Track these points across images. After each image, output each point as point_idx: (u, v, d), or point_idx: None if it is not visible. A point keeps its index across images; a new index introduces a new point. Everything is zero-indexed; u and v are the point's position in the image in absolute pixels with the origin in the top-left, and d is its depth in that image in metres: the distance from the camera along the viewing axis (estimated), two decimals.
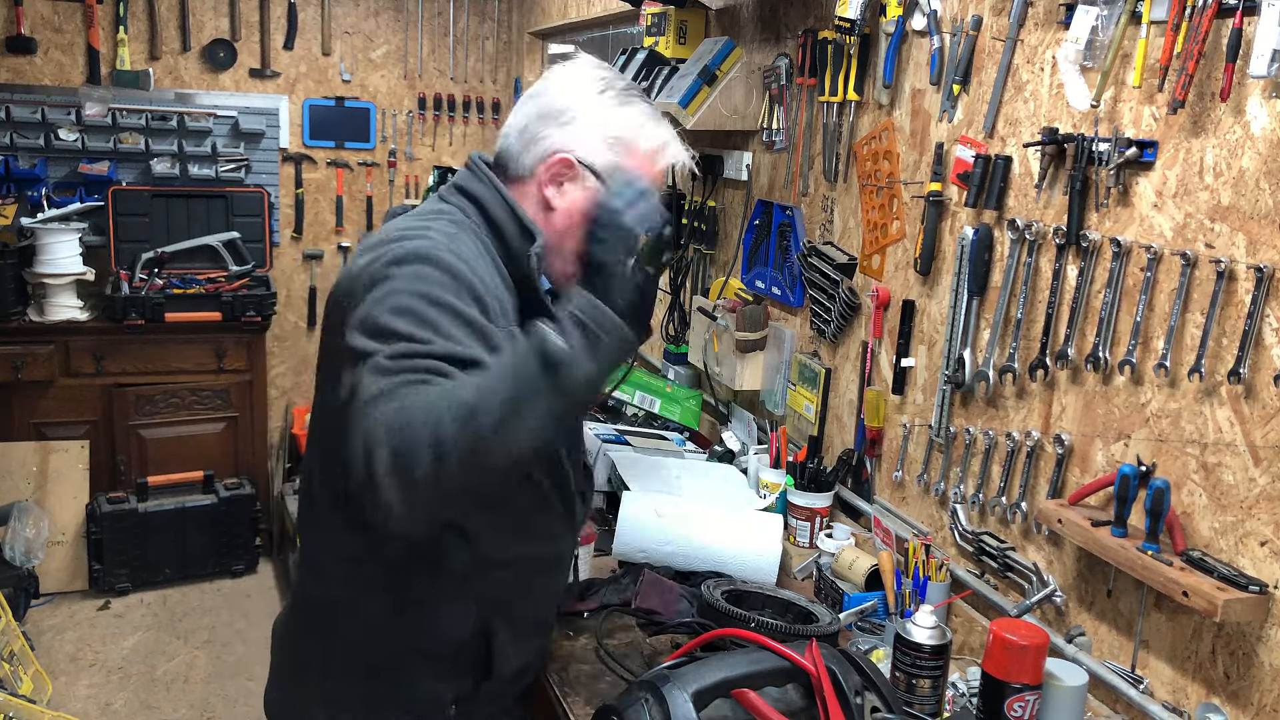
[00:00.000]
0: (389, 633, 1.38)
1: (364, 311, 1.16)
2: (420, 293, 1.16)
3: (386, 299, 1.16)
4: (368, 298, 1.18)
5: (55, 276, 4.09)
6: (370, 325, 1.14)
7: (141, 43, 4.49)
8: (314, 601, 1.46)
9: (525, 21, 4.94)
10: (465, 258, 1.24)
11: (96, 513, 3.98)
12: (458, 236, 1.29)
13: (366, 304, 1.17)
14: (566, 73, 1.43)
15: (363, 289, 1.19)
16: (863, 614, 1.78)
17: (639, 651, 1.71)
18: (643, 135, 1.40)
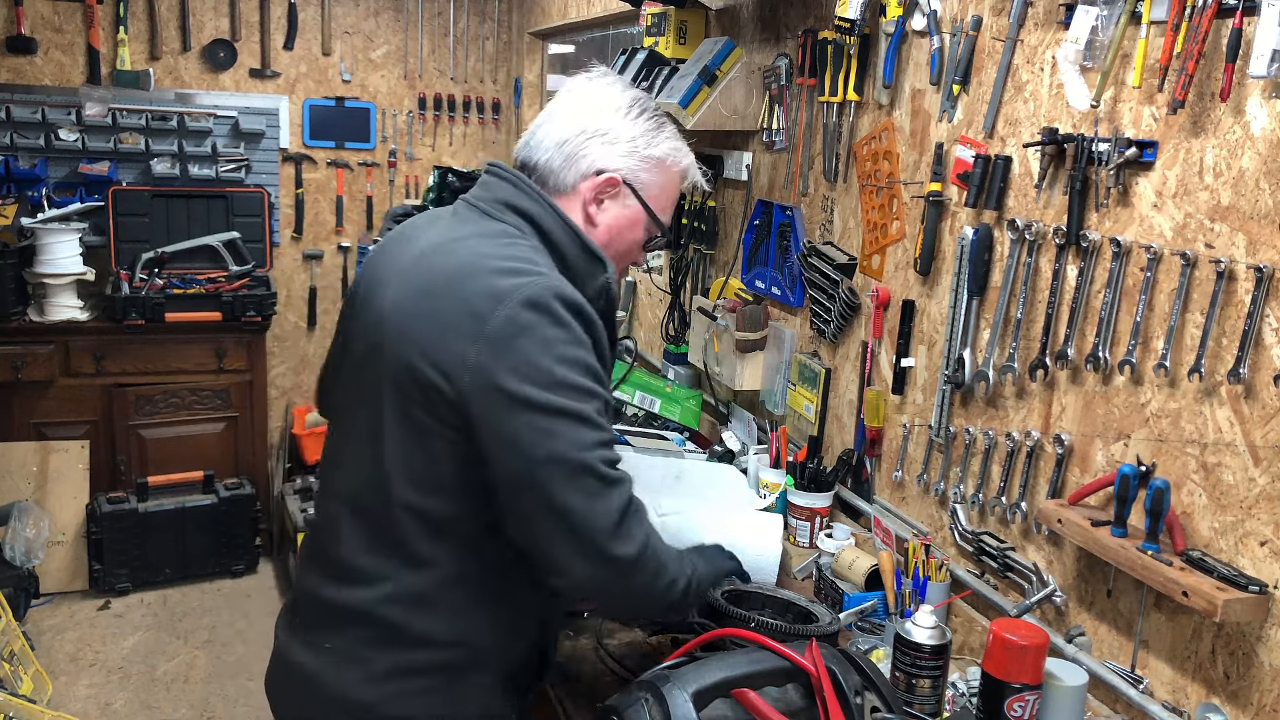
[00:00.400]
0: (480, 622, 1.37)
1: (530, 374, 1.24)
2: (575, 359, 1.28)
3: (551, 364, 1.25)
4: (525, 349, 1.25)
5: (55, 276, 4.09)
6: (550, 403, 1.24)
7: (141, 43, 4.49)
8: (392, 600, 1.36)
9: (525, 21, 4.94)
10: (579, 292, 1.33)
11: (96, 513, 3.98)
12: (554, 269, 1.35)
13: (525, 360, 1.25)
14: (602, 90, 1.47)
15: (511, 332, 1.25)
16: (863, 614, 1.78)
17: (639, 651, 1.71)
18: (674, 158, 1.49)
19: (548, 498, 1.24)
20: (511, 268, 1.31)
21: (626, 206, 1.46)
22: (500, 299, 1.26)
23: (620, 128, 1.44)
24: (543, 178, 1.44)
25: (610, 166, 1.43)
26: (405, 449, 1.32)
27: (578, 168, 1.43)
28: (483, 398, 1.25)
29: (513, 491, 1.27)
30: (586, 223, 1.44)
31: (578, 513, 1.24)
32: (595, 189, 1.43)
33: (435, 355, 1.28)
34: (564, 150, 1.43)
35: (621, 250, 1.49)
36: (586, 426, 1.26)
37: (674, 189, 1.51)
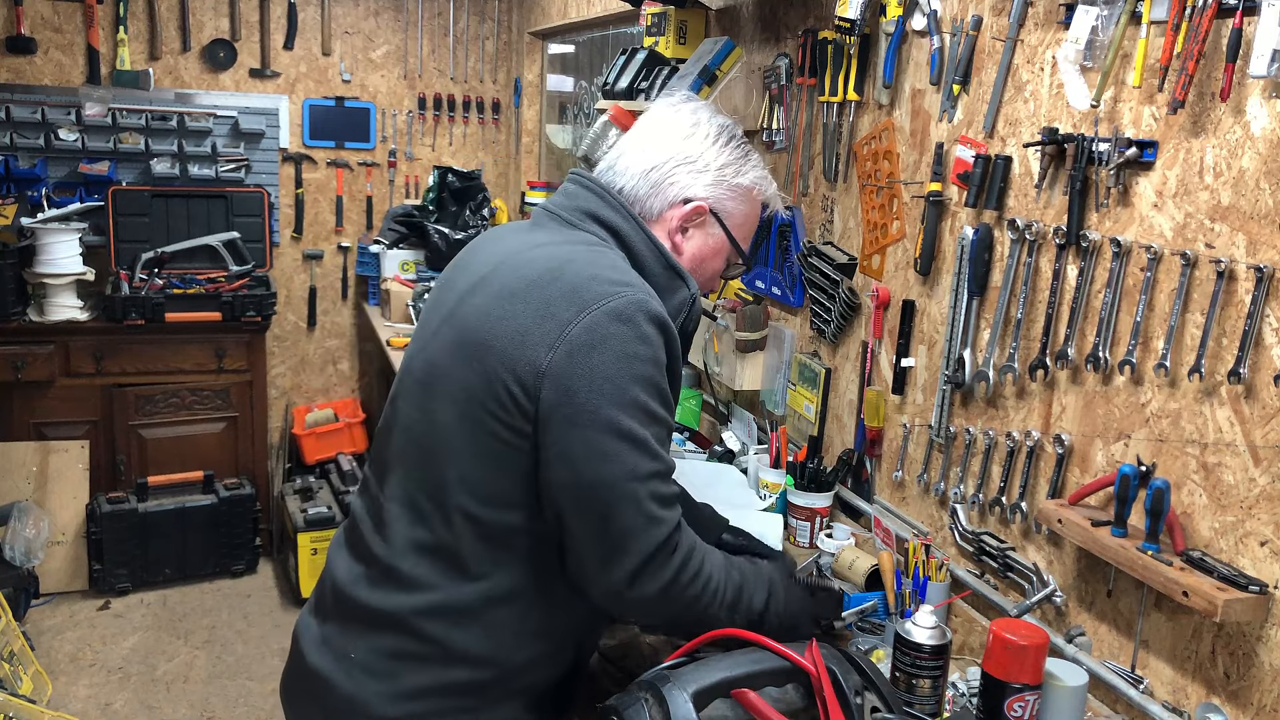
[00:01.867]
0: (521, 640, 1.32)
1: (605, 389, 1.22)
2: (650, 381, 1.25)
3: (628, 383, 1.23)
4: (605, 363, 1.22)
5: (55, 276, 4.09)
6: (618, 425, 1.22)
7: (141, 43, 4.49)
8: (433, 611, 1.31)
9: (525, 21, 4.94)
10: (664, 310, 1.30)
11: (96, 513, 3.98)
12: (643, 281, 1.32)
13: (603, 375, 1.22)
14: (689, 117, 1.45)
15: (593, 343, 1.22)
16: (863, 614, 1.78)
17: (639, 651, 1.71)
18: (760, 186, 1.48)
19: (587, 518, 1.24)
20: (600, 275, 1.28)
21: (711, 235, 1.45)
22: (585, 306, 1.24)
23: (708, 155, 1.43)
24: (629, 203, 1.42)
25: (698, 195, 1.42)
26: (473, 456, 1.27)
27: (664, 195, 1.41)
28: (551, 404, 1.22)
29: (557, 501, 1.25)
30: (673, 249, 1.43)
31: (611, 541, 1.23)
32: (682, 218, 1.42)
33: (513, 361, 1.24)
34: (651, 178, 1.41)
35: (703, 278, 1.48)
36: (644, 455, 1.23)
37: (756, 217, 1.51)
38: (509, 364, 1.24)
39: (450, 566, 1.30)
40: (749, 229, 1.50)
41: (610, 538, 1.23)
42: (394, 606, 1.31)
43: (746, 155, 1.47)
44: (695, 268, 1.45)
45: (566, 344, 1.22)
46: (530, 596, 1.32)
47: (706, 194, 1.43)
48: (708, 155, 1.43)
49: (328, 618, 1.40)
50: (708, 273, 1.48)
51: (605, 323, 1.23)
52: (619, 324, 1.23)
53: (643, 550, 1.23)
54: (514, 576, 1.31)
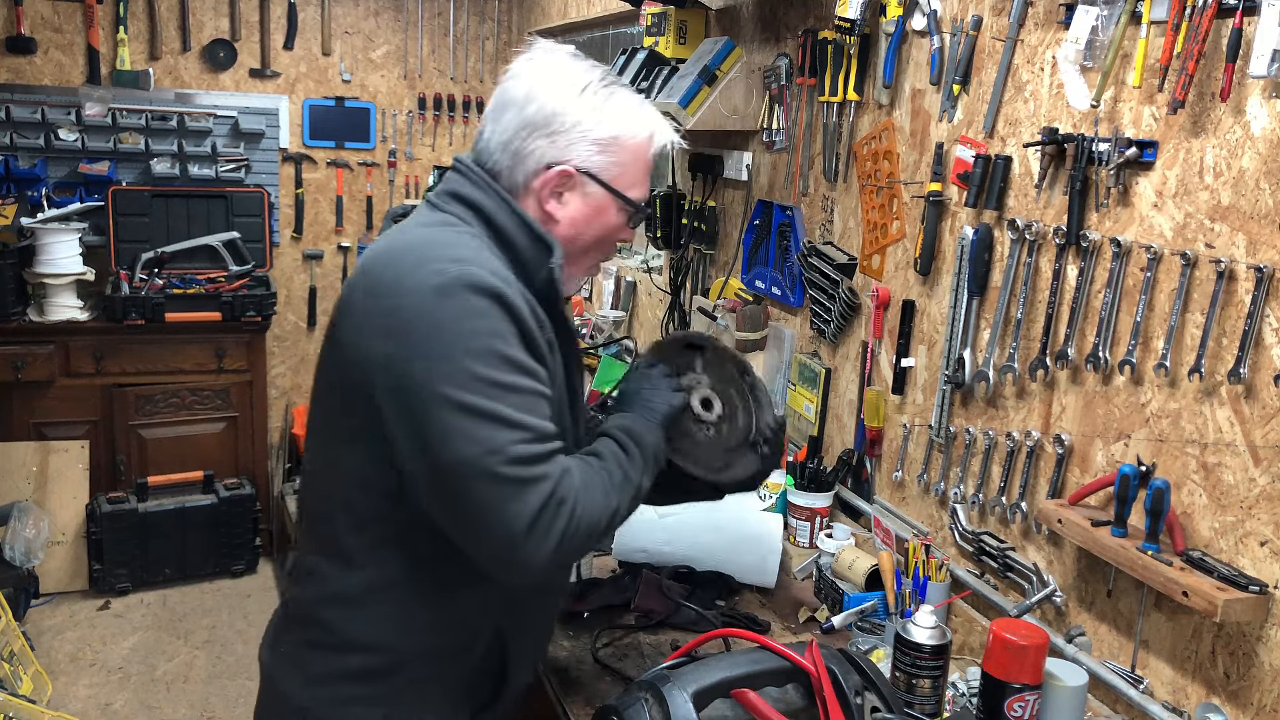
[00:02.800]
0: (411, 626, 1.33)
1: (440, 368, 1.18)
2: (489, 351, 1.21)
3: (461, 357, 1.19)
4: (436, 340, 1.19)
5: (55, 276, 4.09)
6: (460, 401, 1.18)
7: (141, 43, 4.49)
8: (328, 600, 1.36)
9: (525, 21, 4.94)
10: (507, 280, 1.26)
11: (96, 513, 3.98)
12: (482, 251, 1.29)
13: (435, 354, 1.19)
14: (543, 73, 1.35)
15: (419, 325, 1.20)
16: (863, 614, 1.78)
17: (639, 651, 1.71)
18: (631, 129, 1.37)
19: (456, 500, 1.20)
20: (430, 255, 1.25)
21: (589, 195, 1.36)
22: (411, 289, 1.21)
23: (563, 114, 1.33)
24: (495, 178, 1.37)
25: (559, 158, 1.34)
26: (339, 449, 1.31)
27: (526, 166, 1.34)
28: (391, 391, 1.21)
29: (426, 491, 1.23)
30: (547, 220, 1.36)
31: (485, 517, 1.19)
32: (551, 185, 1.34)
33: (354, 353, 1.25)
34: (510, 150, 1.35)
35: (597, 237, 1.40)
36: (495, 426, 1.18)
37: (640, 162, 1.39)
38: (351, 357, 1.26)
39: (337, 557, 1.34)
40: (634, 176, 1.39)
41: (479, 516, 1.20)
42: (303, 600, 1.38)
43: (606, 101, 1.35)
44: (582, 230, 1.38)
45: (396, 329, 1.21)
46: (411, 585, 1.31)
47: (568, 155, 1.34)
48: (562, 114, 1.33)
49: (276, 617, 1.48)
50: (601, 230, 1.40)
51: (430, 302, 1.20)
52: (444, 300, 1.20)
53: (518, 520, 1.18)
54: (392, 565, 1.31)
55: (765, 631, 1.80)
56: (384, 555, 1.31)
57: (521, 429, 1.20)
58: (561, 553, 1.22)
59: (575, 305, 3.66)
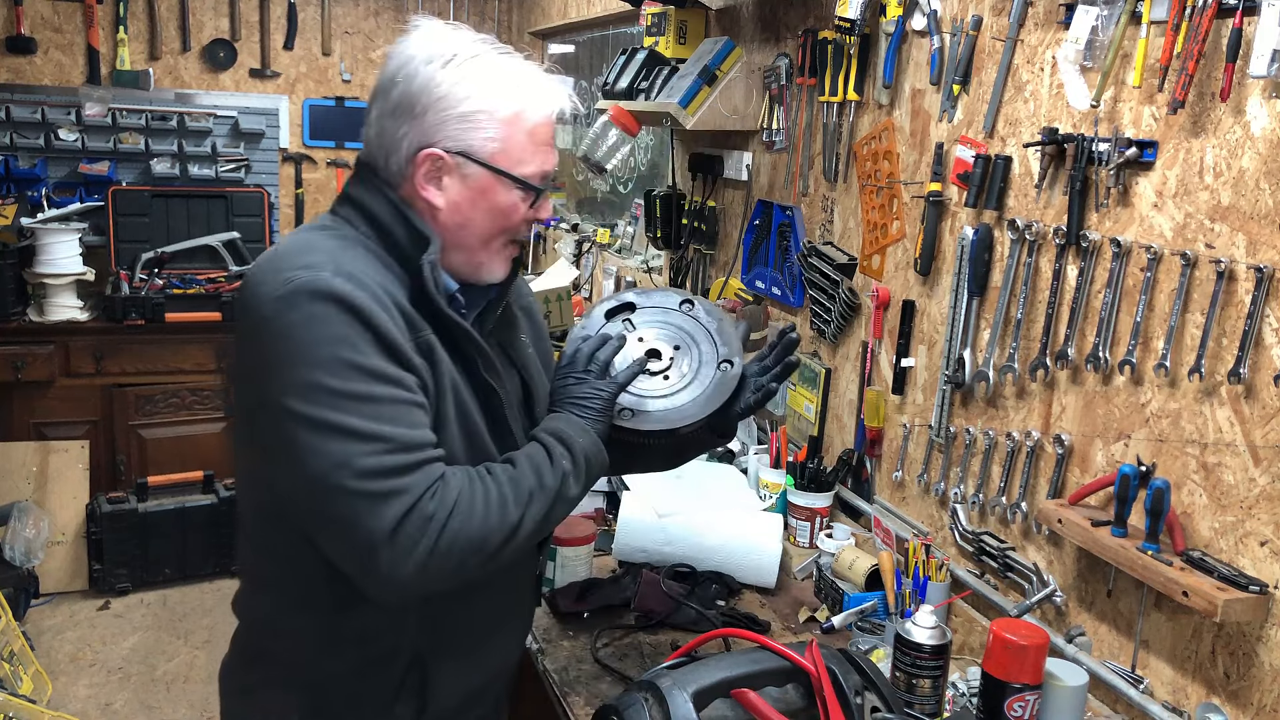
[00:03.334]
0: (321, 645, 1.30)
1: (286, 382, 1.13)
2: (335, 360, 1.13)
3: (306, 369, 1.13)
4: (281, 351, 1.14)
5: (55, 276, 4.09)
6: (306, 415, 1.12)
7: (141, 43, 4.49)
8: (249, 624, 1.40)
9: (525, 21, 4.94)
10: (362, 282, 1.17)
11: (96, 513, 3.98)
12: (345, 253, 1.21)
13: (281, 368, 1.14)
14: (404, 53, 1.26)
15: (265, 338, 1.15)
16: (863, 614, 1.78)
17: (639, 651, 1.71)
18: (503, 100, 1.25)
19: (315, 517, 1.17)
20: (282, 263, 1.18)
21: (470, 179, 1.25)
22: (261, 301, 1.16)
23: (425, 91, 1.23)
24: (377, 171, 1.29)
25: (426, 141, 1.24)
26: (240, 465, 1.32)
27: (397, 154, 1.25)
28: (250, 409, 1.19)
29: (294, 508, 1.19)
30: (429, 208, 1.26)
31: (341, 532, 1.14)
32: (420, 170, 1.25)
33: (232, 369, 1.27)
34: (381, 141, 1.27)
35: (492, 222, 1.29)
36: (348, 438, 1.12)
37: (523, 135, 1.26)
38: (232, 373, 1.28)
39: (248, 577, 1.37)
40: (520, 151, 1.27)
41: (336, 532, 1.15)
42: (238, 618, 1.41)
43: (472, 73, 1.24)
44: (469, 218, 1.27)
45: (248, 344, 1.18)
46: (313, 604, 1.28)
47: (435, 137, 1.24)
48: (423, 92, 1.23)
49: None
50: (493, 215, 1.28)
51: (273, 314, 1.14)
52: (286, 310, 1.14)
53: (374, 534, 1.12)
54: (292, 584, 1.29)
55: (765, 631, 1.80)
56: (283, 574, 1.29)
57: (375, 440, 1.13)
58: (432, 569, 1.15)
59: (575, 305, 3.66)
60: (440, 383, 1.24)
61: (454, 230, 1.28)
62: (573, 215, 4.61)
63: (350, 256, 1.21)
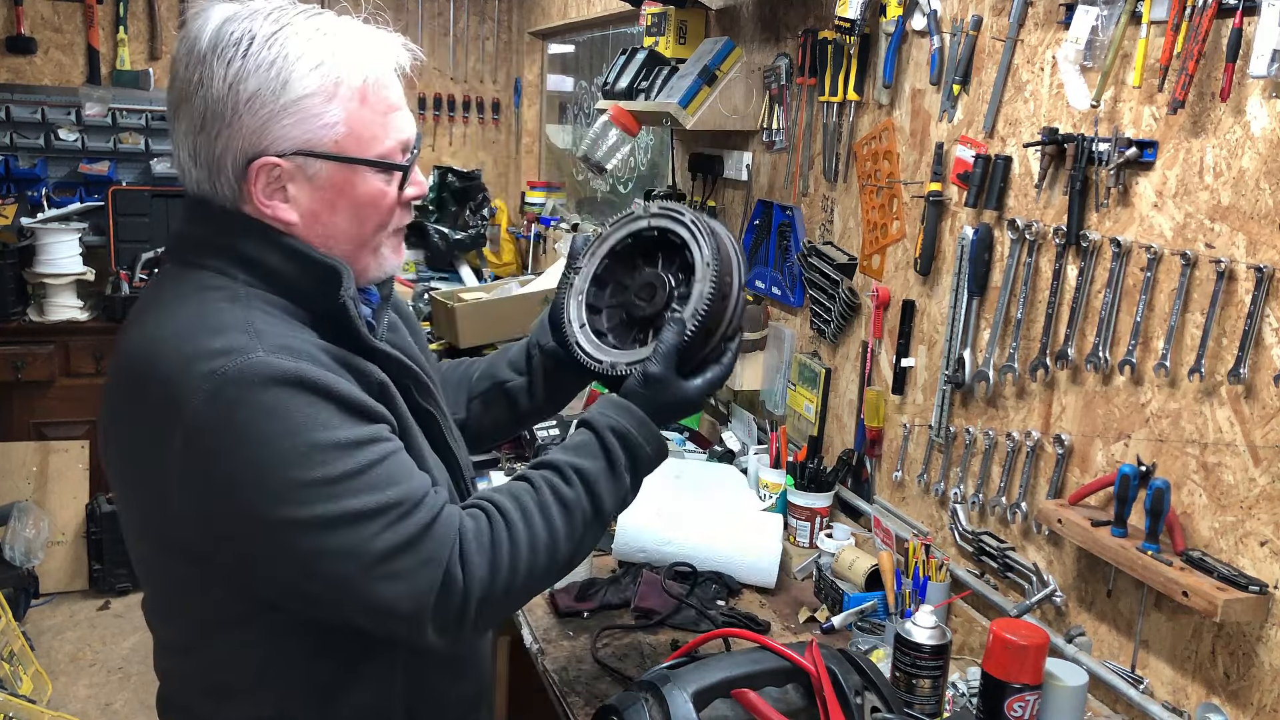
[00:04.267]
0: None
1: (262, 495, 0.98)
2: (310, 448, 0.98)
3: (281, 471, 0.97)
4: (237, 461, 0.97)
5: (55, 276, 4.09)
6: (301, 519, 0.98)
7: (141, 43, 4.49)
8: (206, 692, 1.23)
9: (525, 21, 4.94)
10: (297, 352, 1.01)
11: (96, 513, 3.98)
12: (255, 319, 1.02)
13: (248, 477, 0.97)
14: (192, 51, 1.04)
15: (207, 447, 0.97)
16: (863, 614, 1.78)
17: (639, 651, 1.71)
18: (319, 77, 1.04)
19: (341, 609, 1.05)
20: (192, 351, 0.98)
21: (315, 178, 1.06)
22: (178, 407, 0.96)
23: (233, 91, 1.02)
24: (209, 203, 1.08)
25: (253, 150, 1.03)
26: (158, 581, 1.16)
27: (225, 173, 1.05)
28: (221, 528, 1.01)
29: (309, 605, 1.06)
30: (284, 226, 1.07)
31: (381, 621, 1.04)
32: (259, 186, 1.05)
33: (133, 483, 1.06)
34: (200, 163, 1.05)
35: (365, 223, 1.11)
36: (353, 525, 1.00)
37: (360, 108, 1.07)
38: (138, 491, 1.06)
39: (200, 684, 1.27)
40: (373, 125, 1.08)
41: (374, 616, 1.04)
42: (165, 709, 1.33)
43: (276, 59, 1.02)
44: (332, 222, 1.09)
45: (184, 459, 0.98)
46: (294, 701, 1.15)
47: (262, 143, 1.03)
48: (232, 94, 1.02)
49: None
50: (363, 210, 1.10)
51: (212, 422, 0.96)
52: (229, 415, 0.96)
53: (413, 611, 1.02)
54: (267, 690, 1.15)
55: (765, 631, 1.80)
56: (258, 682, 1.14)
57: (381, 513, 1.01)
58: (483, 620, 1.07)
59: None
60: (402, 420, 1.13)
61: (321, 242, 1.09)
62: (573, 215, 4.61)
63: (261, 320, 1.02)
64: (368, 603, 1.02)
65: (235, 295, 1.04)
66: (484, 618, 1.07)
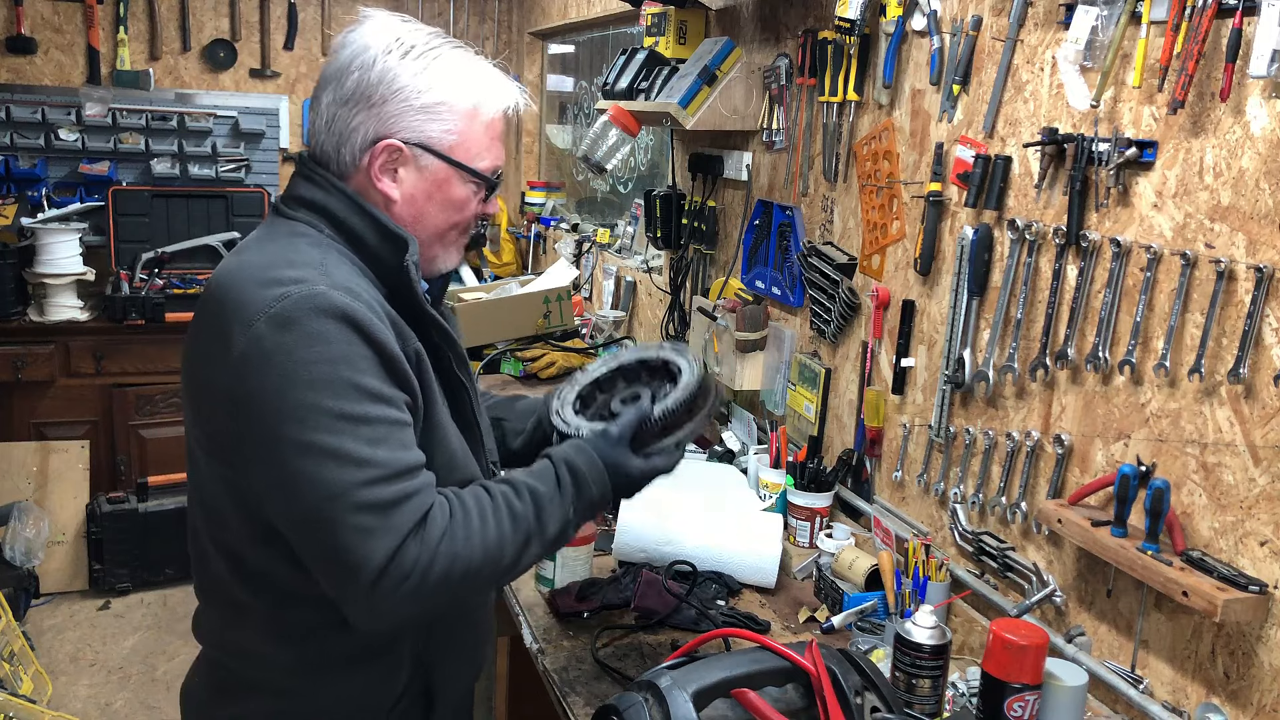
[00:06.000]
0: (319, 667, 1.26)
1: (279, 405, 1.09)
2: (336, 380, 1.09)
3: (303, 391, 1.08)
4: (275, 373, 1.09)
5: (55, 276, 4.09)
6: (302, 441, 1.08)
7: (141, 43, 4.50)
8: (227, 655, 1.31)
9: (525, 21, 4.94)
10: (358, 295, 1.15)
11: (96, 513, 3.98)
12: (330, 263, 1.18)
13: (274, 390, 1.09)
14: (358, 42, 1.24)
15: (256, 359, 1.10)
16: (863, 614, 1.78)
17: (639, 651, 1.71)
18: (462, 93, 1.25)
19: (304, 545, 1.13)
20: (267, 277, 1.14)
21: (425, 170, 1.25)
22: (248, 320, 1.11)
23: (384, 81, 1.22)
24: (325, 166, 1.26)
25: (385, 132, 1.23)
26: (210, 489, 1.23)
27: (351, 144, 1.23)
28: (240, 434, 1.13)
29: (287, 533, 1.15)
30: (384, 200, 1.26)
31: (330, 564, 1.11)
32: (377, 162, 1.24)
33: (201, 389, 1.18)
34: (334, 130, 1.24)
35: (447, 219, 1.29)
36: (343, 465, 1.09)
37: (481, 128, 1.27)
38: (201, 393, 1.18)
39: (224, 604, 1.29)
40: (477, 145, 1.28)
41: (329, 561, 1.11)
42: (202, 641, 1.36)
43: (430, 65, 1.23)
44: (423, 211, 1.27)
45: (237, 366, 1.11)
46: (305, 629, 1.25)
47: (394, 128, 1.23)
48: (382, 82, 1.22)
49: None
50: (447, 209, 1.29)
51: (268, 334, 1.09)
52: (282, 332, 1.09)
53: (365, 567, 1.09)
54: (281, 612, 1.24)
55: (765, 631, 1.80)
56: (273, 603, 1.23)
57: (369, 465, 1.10)
58: (424, 597, 1.13)
59: (575, 305, 3.66)
60: (428, 392, 1.23)
61: (409, 223, 1.27)
62: (573, 215, 4.61)
63: (334, 264, 1.18)
64: (332, 544, 1.10)
65: (318, 242, 1.21)
66: (413, 598, 1.13)
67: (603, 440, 1.33)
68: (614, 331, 3.62)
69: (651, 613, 1.79)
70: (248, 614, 1.26)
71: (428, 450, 1.21)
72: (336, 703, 1.28)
